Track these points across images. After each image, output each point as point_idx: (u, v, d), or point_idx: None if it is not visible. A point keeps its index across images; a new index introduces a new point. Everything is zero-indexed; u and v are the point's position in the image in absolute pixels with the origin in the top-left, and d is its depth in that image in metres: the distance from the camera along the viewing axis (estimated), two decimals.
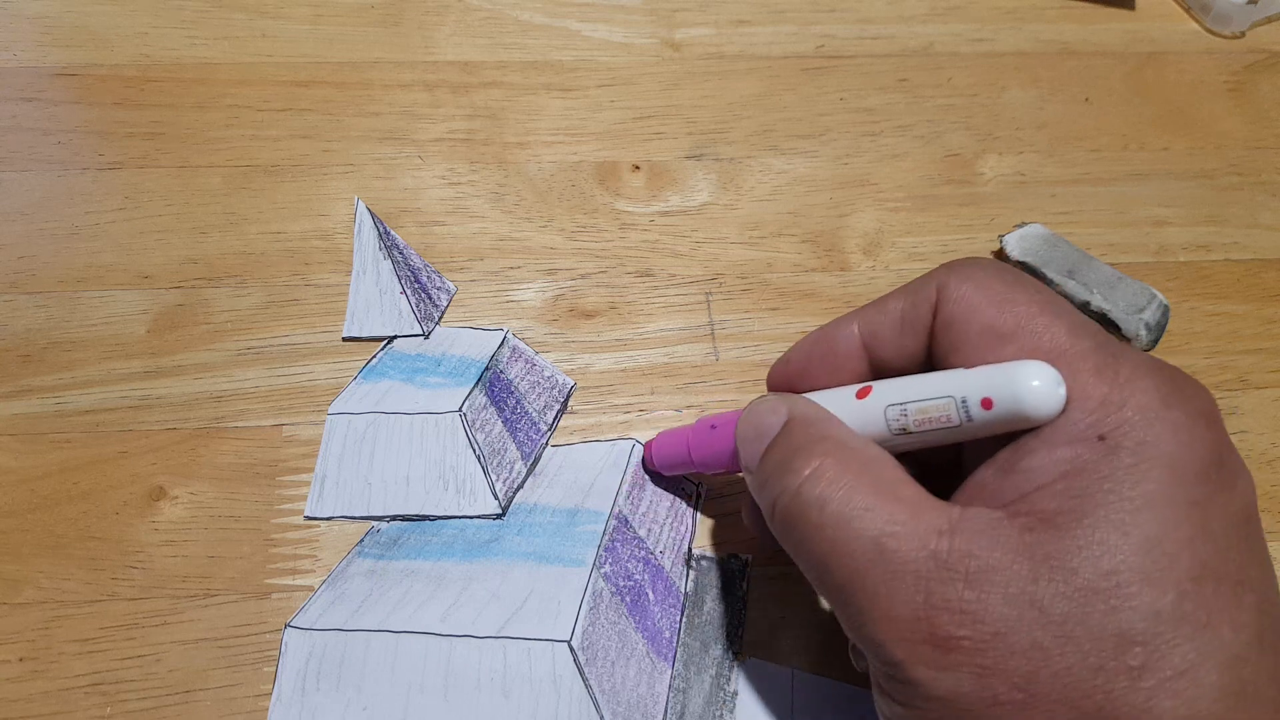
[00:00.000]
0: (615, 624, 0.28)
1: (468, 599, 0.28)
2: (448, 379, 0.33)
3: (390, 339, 0.35)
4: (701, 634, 0.29)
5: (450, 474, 0.31)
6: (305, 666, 0.28)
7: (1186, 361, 0.36)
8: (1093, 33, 0.45)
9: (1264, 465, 0.34)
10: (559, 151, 0.40)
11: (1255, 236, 0.39)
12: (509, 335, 0.34)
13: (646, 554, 0.30)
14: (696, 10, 0.45)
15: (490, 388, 0.32)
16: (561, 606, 0.27)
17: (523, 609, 0.27)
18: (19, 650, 0.29)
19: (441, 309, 0.35)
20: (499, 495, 0.31)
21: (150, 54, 0.42)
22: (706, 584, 0.30)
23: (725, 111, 0.42)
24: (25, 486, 0.31)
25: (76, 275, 0.36)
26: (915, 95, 0.43)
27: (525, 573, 0.29)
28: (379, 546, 0.30)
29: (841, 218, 0.39)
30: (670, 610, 0.29)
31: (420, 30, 0.44)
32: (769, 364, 0.35)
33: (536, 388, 0.33)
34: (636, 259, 0.38)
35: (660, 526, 0.31)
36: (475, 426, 0.31)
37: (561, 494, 0.31)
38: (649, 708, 0.27)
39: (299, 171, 0.39)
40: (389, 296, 0.35)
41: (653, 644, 0.28)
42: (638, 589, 0.29)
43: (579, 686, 0.26)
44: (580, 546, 0.29)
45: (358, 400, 0.33)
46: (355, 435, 0.32)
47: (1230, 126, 0.43)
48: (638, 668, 0.27)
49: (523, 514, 0.31)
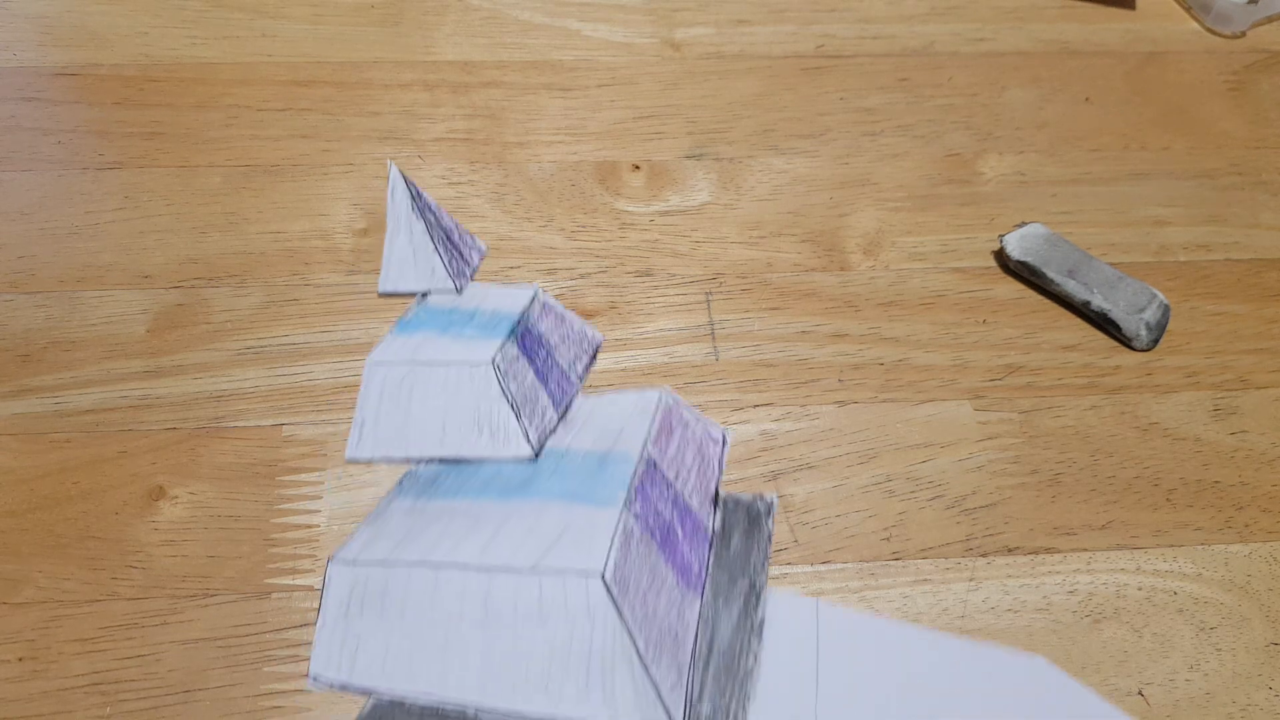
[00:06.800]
0: (646, 558, 0.29)
1: (504, 535, 0.29)
2: (481, 332, 0.34)
3: (425, 294, 0.36)
4: (729, 568, 0.30)
5: (485, 420, 0.32)
6: (348, 597, 0.29)
7: (1186, 361, 0.36)
8: (1093, 32, 0.45)
9: (1264, 465, 0.34)
10: (559, 151, 0.40)
11: (1255, 236, 0.39)
12: (539, 291, 0.36)
13: (675, 495, 0.31)
14: (696, 10, 0.45)
15: (522, 340, 0.34)
16: (594, 542, 0.28)
17: (557, 544, 0.29)
18: (19, 650, 0.29)
19: (474, 266, 0.37)
20: (532, 439, 0.32)
21: (150, 54, 0.42)
22: (734, 523, 0.31)
23: (725, 111, 0.42)
24: (25, 486, 0.31)
25: (76, 275, 0.36)
26: (915, 95, 0.43)
27: (559, 511, 0.30)
28: (417, 487, 0.32)
29: (841, 217, 0.39)
30: (699, 546, 0.30)
31: (420, 30, 0.44)
32: (769, 364, 0.35)
33: (566, 340, 0.35)
34: (636, 259, 0.38)
35: (688, 471, 0.32)
36: (508, 376, 0.32)
37: (592, 439, 0.32)
38: (680, 635, 0.28)
39: (299, 171, 0.39)
40: (422, 254, 0.36)
41: (682, 577, 0.29)
42: (667, 527, 0.30)
43: (612, 616, 0.27)
44: (611, 487, 0.30)
45: (395, 350, 0.34)
46: (393, 384, 0.33)
47: (1230, 126, 0.43)
48: (668, 599, 0.29)
49: (555, 457, 0.32)
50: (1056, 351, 0.36)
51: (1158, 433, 0.34)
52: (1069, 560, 0.31)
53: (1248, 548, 0.32)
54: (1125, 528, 0.32)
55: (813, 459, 0.33)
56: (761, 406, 0.34)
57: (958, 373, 0.35)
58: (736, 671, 0.28)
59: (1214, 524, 0.32)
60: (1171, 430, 0.34)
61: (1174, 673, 0.29)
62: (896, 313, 0.36)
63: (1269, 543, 0.32)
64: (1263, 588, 0.31)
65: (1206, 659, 0.30)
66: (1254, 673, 0.29)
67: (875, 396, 0.34)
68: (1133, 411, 0.34)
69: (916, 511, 0.32)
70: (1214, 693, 0.29)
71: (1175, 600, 0.31)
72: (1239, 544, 0.32)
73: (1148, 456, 0.33)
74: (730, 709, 0.28)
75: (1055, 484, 0.33)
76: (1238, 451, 0.34)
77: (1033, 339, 0.36)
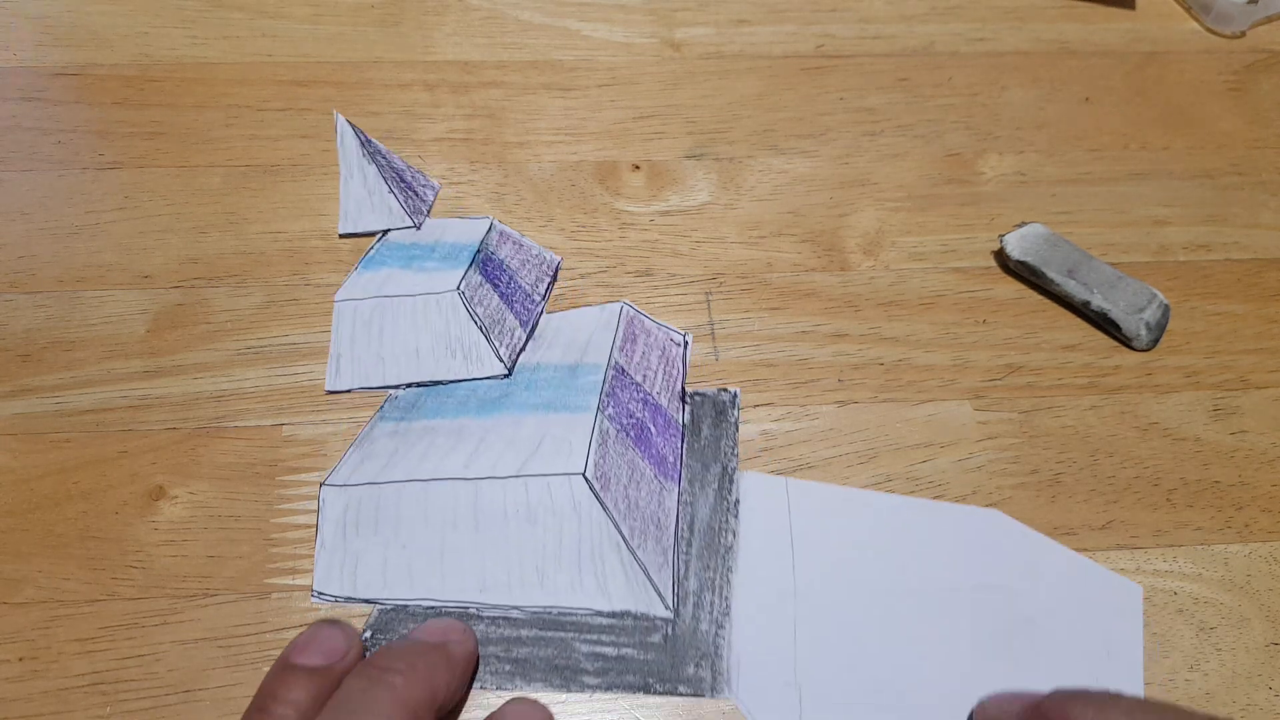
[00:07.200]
0: (623, 455, 0.31)
1: (486, 447, 0.31)
2: (443, 263, 0.35)
3: (385, 233, 0.37)
4: (702, 456, 0.33)
5: (456, 344, 0.34)
6: (343, 518, 0.30)
7: (1186, 361, 0.36)
8: (1093, 32, 0.45)
9: (1264, 465, 0.34)
10: (559, 151, 0.40)
11: (1255, 236, 0.39)
12: (495, 221, 0.37)
13: (645, 396, 0.33)
14: (696, 10, 0.45)
15: (484, 267, 0.35)
16: (574, 446, 0.30)
17: (538, 451, 0.30)
18: (19, 650, 0.29)
19: (429, 203, 0.38)
20: (503, 358, 0.34)
21: (150, 54, 0.42)
22: (702, 415, 0.33)
23: (725, 111, 0.42)
24: (25, 486, 0.31)
25: (76, 275, 0.36)
26: (915, 95, 0.43)
27: (536, 421, 0.32)
28: (398, 410, 0.33)
29: (841, 217, 0.39)
30: (671, 439, 0.33)
31: (420, 30, 0.44)
32: (769, 364, 0.35)
33: (527, 264, 0.36)
34: (636, 259, 0.38)
35: (654, 373, 0.34)
36: (474, 302, 0.34)
37: (561, 353, 0.34)
38: (662, 521, 0.31)
39: (299, 171, 0.39)
40: (378, 196, 0.37)
41: (659, 468, 0.32)
42: (640, 425, 0.32)
43: (597, 510, 0.29)
44: (584, 395, 0.32)
45: (361, 287, 0.35)
46: (363, 318, 0.34)
47: (1230, 126, 0.43)
48: (648, 489, 0.31)
49: (527, 373, 0.34)
50: (1056, 351, 0.36)
51: (1158, 433, 0.34)
52: None
53: (1247, 548, 0.32)
54: (1125, 528, 0.32)
55: (813, 459, 0.33)
56: (761, 406, 0.34)
57: (958, 373, 0.35)
58: (718, 548, 0.31)
59: (1214, 524, 0.32)
60: (1171, 430, 0.34)
61: (1174, 673, 0.29)
62: (896, 313, 0.36)
63: (1269, 543, 0.32)
64: (1263, 588, 0.31)
65: (1206, 659, 0.30)
66: (1254, 673, 0.29)
67: (875, 396, 0.34)
68: (1133, 411, 0.34)
69: None
70: (1214, 693, 0.29)
71: (1175, 600, 0.31)
72: (1239, 544, 0.32)
73: (1148, 456, 0.33)
74: (715, 582, 0.30)
75: (1055, 484, 0.33)
76: (1238, 451, 0.34)
77: (1033, 339, 0.36)
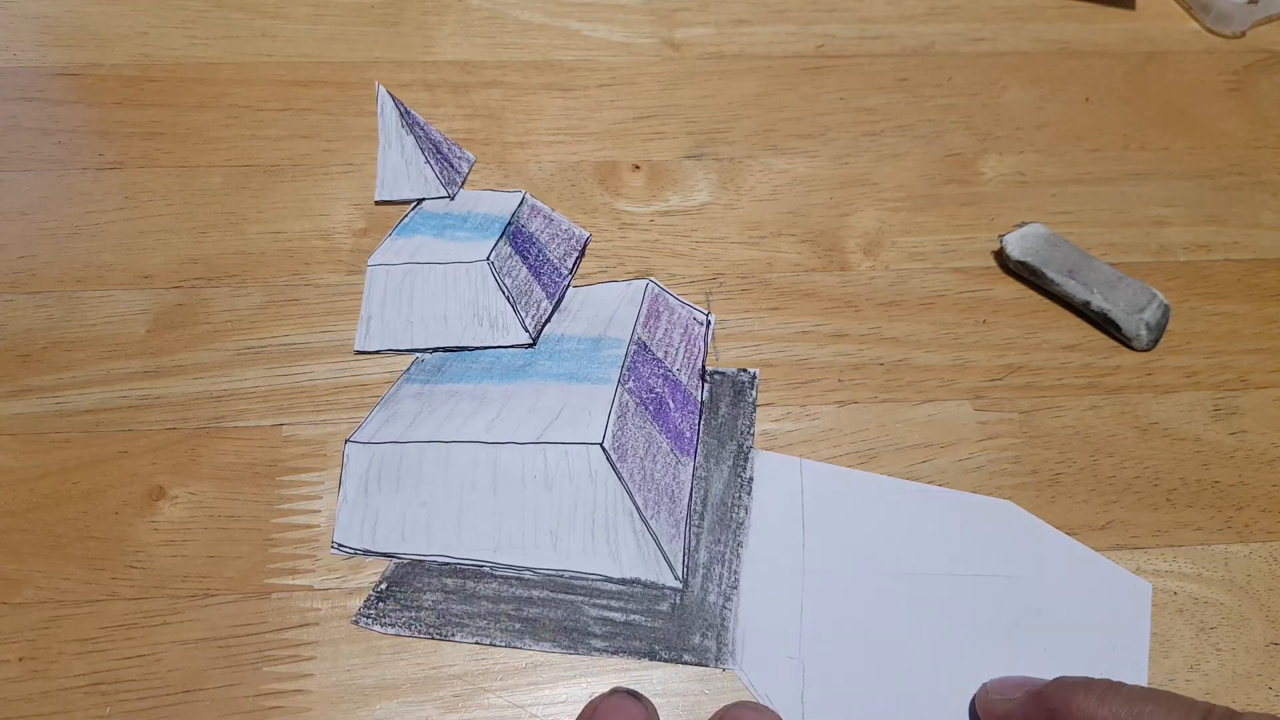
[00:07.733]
0: (641, 428, 0.31)
1: (508, 413, 0.32)
2: (474, 233, 0.36)
3: (419, 201, 0.38)
4: (718, 433, 0.33)
5: (484, 312, 0.35)
6: (366, 473, 0.31)
7: (1186, 361, 0.36)
8: (1093, 32, 0.45)
9: (1264, 465, 0.34)
10: (559, 151, 0.40)
11: (1255, 236, 0.39)
12: (527, 195, 0.38)
13: (665, 372, 0.33)
14: (696, 10, 0.45)
15: (514, 239, 0.36)
16: (593, 416, 0.31)
17: (558, 419, 0.31)
18: (19, 650, 0.29)
19: (463, 175, 0.39)
20: (529, 328, 0.34)
21: (150, 54, 0.42)
22: (720, 393, 0.34)
23: (725, 111, 0.42)
24: (25, 486, 0.31)
25: (76, 275, 0.36)
26: (915, 95, 0.43)
27: (558, 390, 0.32)
28: (424, 373, 0.34)
29: (841, 217, 0.39)
30: (689, 415, 0.33)
31: (420, 30, 0.44)
32: (769, 364, 0.35)
33: (556, 239, 0.37)
34: (636, 259, 0.38)
35: (675, 350, 0.34)
36: (503, 272, 0.35)
37: (585, 326, 0.35)
38: (676, 494, 0.31)
39: (299, 171, 0.39)
40: (414, 166, 0.38)
41: (676, 443, 0.32)
42: (659, 399, 0.33)
43: (613, 480, 0.30)
44: (605, 368, 0.33)
45: (394, 253, 0.36)
46: (394, 283, 0.35)
47: (1230, 126, 0.43)
48: (664, 462, 0.31)
49: (552, 343, 0.35)
50: (1056, 351, 0.36)
51: (1158, 433, 0.34)
52: None
53: (1247, 548, 0.32)
54: (1125, 528, 0.32)
55: (813, 459, 0.33)
56: (761, 406, 0.34)
57: (958, 373, 0.35)
58: (729, 523, 0.31)
59: (1214, 524, 0.32)
60: (1171, 430, 0.34)
61: (1174, 673, 0.29)
62: (896, 313, 0.36)
63: (1269, 543, 0.32)
64: (1263, 588, 0.31)
65: (1206, 659, 0.30)
66: (1254, 673, 0.29)
67: (875, 396, 0.34)
68: (1133, 411, 0.34)
69: None
70: (1214, 693, 0.29)
71: (1175, 600, 0.31)
72: (1239, 544, 0.32)
73: (1148, 456, 0.33)
74: (725, 556, 0.31)
75: (1055, 484, 0.33)
76: (1238, 451, 0.34)
77: (1033, 339, 0.36)
